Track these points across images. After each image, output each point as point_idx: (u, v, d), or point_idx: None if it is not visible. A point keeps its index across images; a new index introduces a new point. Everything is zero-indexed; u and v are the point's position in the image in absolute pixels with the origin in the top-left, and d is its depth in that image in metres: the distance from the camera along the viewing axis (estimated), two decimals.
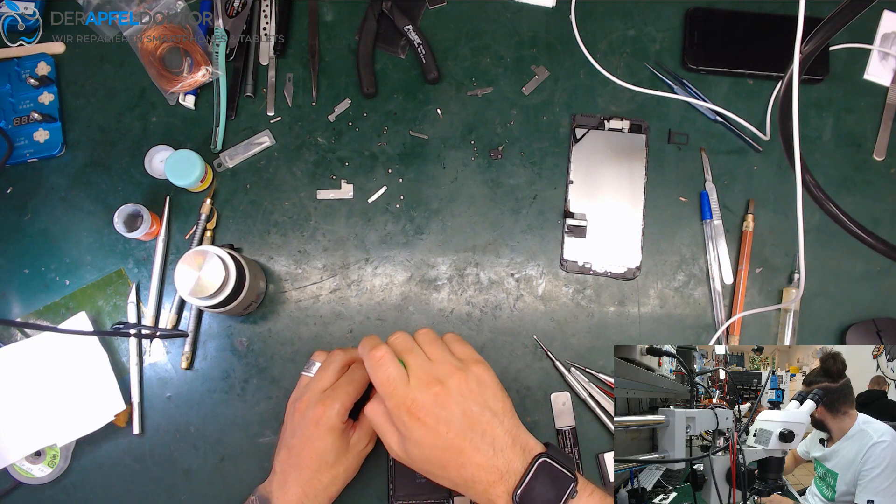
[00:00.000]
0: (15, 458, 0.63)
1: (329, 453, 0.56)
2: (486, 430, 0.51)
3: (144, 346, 0.67)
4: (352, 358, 0.61)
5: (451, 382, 0.51)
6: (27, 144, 0.70)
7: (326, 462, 0.56)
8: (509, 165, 0.71)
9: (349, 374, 0.60)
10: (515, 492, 0.49)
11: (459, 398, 0.51)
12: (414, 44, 0.71)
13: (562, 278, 0.69)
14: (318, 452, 0.56)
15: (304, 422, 0.57)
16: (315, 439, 0.56)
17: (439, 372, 0.52)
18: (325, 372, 0.59)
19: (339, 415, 0.56)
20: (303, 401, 0.58)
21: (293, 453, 0.57)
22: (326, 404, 0.56)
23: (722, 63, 0.72)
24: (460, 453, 0.50)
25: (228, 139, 0.71)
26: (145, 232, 0.66)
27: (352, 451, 0.58)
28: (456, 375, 0.52)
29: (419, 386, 0.51)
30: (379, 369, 0.52)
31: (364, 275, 0.69)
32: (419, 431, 0.50)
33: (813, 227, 0.69)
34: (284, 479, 0.57)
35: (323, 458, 0.56)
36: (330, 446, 0.56)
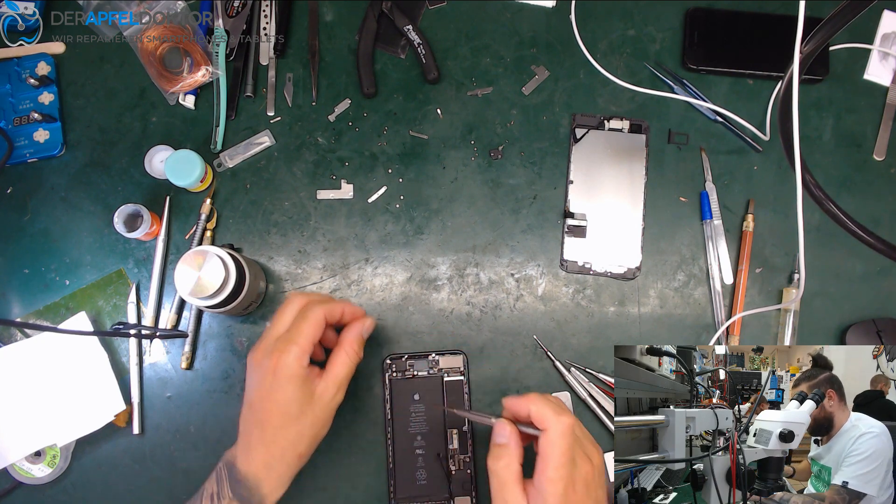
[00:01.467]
0: (15, 458, 0.63)
1: (291, 404, 0.51)
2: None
3: (144, 346, 0.67)
4: (309, 300, 0.56)
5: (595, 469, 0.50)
6: (27, 144, 0.70)
7: (289, 414, 0.51)
8: (509, 165, 0.71)
9: (303, 313, 0.54)
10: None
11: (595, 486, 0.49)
12: (414, 44, 0.71)
13: (562, 278, 0.69)
14: (280, 405, 0.51)
15: (262, 372, 0.52)
16: (274, 390, 0.51)
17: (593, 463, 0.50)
18: (280, 317, 0.55)
19: (298, 358, 0.52)
20: (258, 350, 0.54)
21: (254, 409, 0.53)
22: (281, 349, 0.52)
23: (722, 63, 0.72)
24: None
25: (228, 139, 0.71)
26: (145, 232, 0.66)
27: (318, 401, 0.53)
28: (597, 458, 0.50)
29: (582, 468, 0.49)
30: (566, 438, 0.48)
31: (364, 275, 0.69)
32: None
33: (813, 227, 0.69)
34: (248, 440, 0.52)
35: (285, 411, 0.51)
36: (291, 396, 0.51)
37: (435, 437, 0.65)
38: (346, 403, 0.66)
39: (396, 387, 0.66)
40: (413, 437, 0.64)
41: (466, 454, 0.65)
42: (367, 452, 0.65)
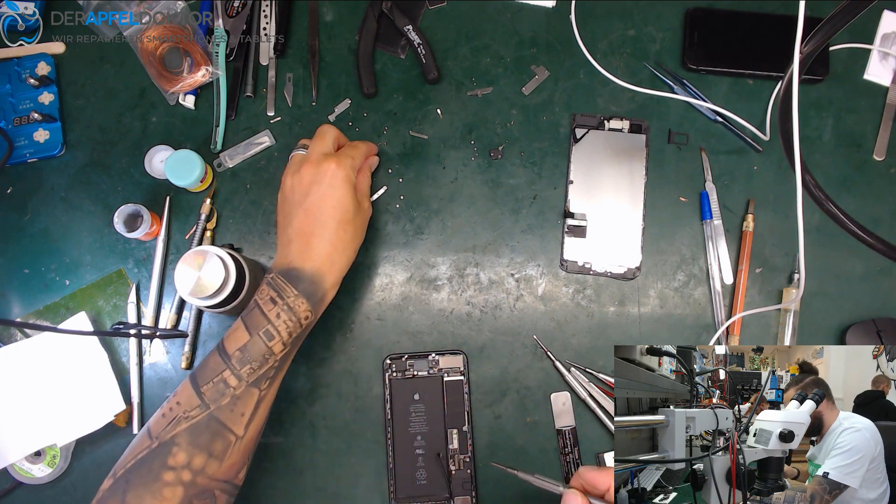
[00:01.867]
0: (15, 458, 0.63)
1: (349, 202, 0.58)
2: None
3: (144, 346, 0.67)
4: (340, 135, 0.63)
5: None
6: (27, 144, 0.70)
7: (349, 212, 0.58)
8: (509, 165, 0.71)
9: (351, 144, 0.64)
10: None
11: None
12: (414, 44, 0.71)
13: (562, 278, 0.69)
14: (340, 202, 0.57)
15: (319, 177, 0.57)
16: (336, 188, 0.57)
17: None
18: (323, 139, 0.61)
19: (354, 168, 0.59)
20: (311, 160, 0.59)
21: (311, 213, 0.57)
22: (340, 159, 0.58)
23: (722, 63, 0.72)
24: None
25: (228, 139, 0.71)
26: (145, 232, 0.66)
27: (361, 210, 0.60)
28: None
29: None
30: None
31: (364, 275, 0.69)
32: None
33: (813, 227, 0.69)
34: (307, 241, 0.57)
35: (345, 208, 0.57)
36: (348, 195, 0.58)
37: (435, 437, 0.65)
38: (346, 403, 0.66)
39: (396, 387, 0.66)
40: (413, 437, 0.64)
41: (466, 454, 0.65)
42: (367, 452, 0.65)
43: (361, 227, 0.60)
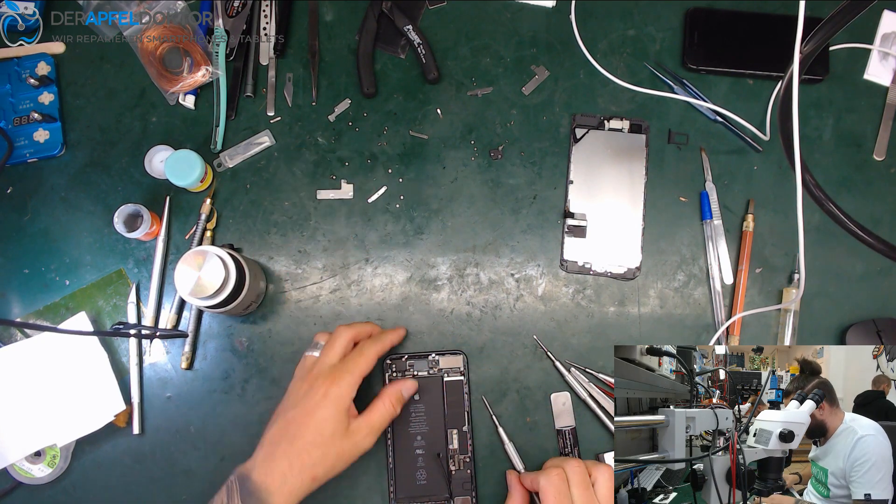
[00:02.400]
0: (15, 458, 0.63)
1: (328, 424, 0.55)
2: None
3: (144, 346, 0.67)
4: (357, 334, 0.61)
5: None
6: (27, 144, 0.70)
7: (322, 434, 0.55)
8: (509, 165, 0.71)
9: (359, 349, 0.60)
10: None
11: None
12: (414, 44, 0.71)
13: (562, 278, 0.69)
14: (318, 422, 0.55)
15: (312, 392, 0.56)
16: (320, 408, 0.55)
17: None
18: (332, 347, 0.59)
19: (350, 386, 0.57)
20: (313, 374, 0.58)
21: (290, 424, 0.56)
22: (337, 376, 0.57)
23: (722, 63, 0.72)
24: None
25: (228, 139, 0.71)
26: (145, 232, 0.66)
27: (350, 437, 0.56)
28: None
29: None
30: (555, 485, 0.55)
31: (364, 275, 0.69)
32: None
33: (813, 227, 0.69)
34: (272, 450, 0.55)
35: (321, 429, 0.55)
36: (331, 418, 0.55)
37: (435, 437, 0.65)
38: None
39: None
40: (413, 437, 0.64)
41: (466, 454, 0.65)
42: (367, 452, 0.65)
43: (337, 455, 0.55)
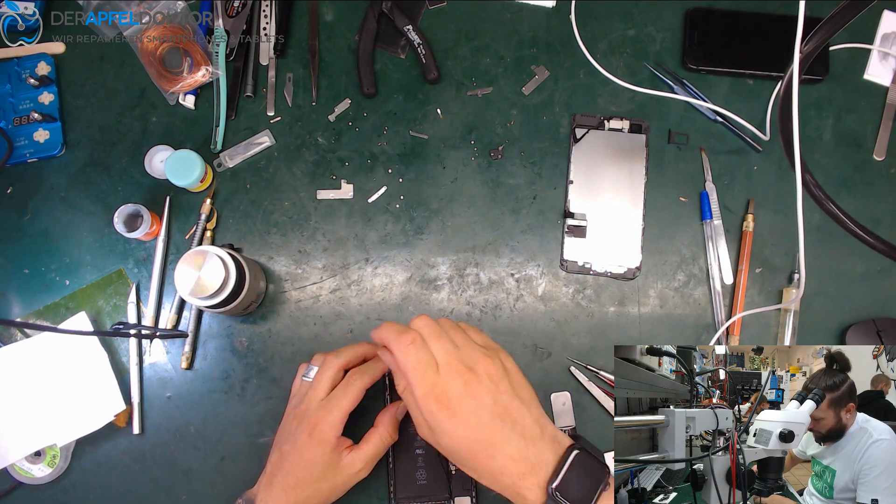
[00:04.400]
0: (15, 458, 0.63)
1: (316, 466, 0.55)
2: (516, 420, 0.49)
3: (144, 346, 0.67)
4: (347, 362, 0.59)
5: (481, 369, 0.50)
6: (27, 144, 0.70)
7: (312, 474, 0.55)
8: (509, 165, 0.71)
9: (346, 384, 0.58)
10: (550, 484, 0.47)
11: (490, 385, 0.49)
12: (414, 44, 0.71)
13: (562, 278, 0.69)
14: (306, 462, 0.55)
15: (300, 429, 0.56)
16: (306, 448, 0.55)
17: (467, 359, 0.50)
18: (320, 381, 0.58)
19: (333, 427, 0.55)
20: (300, 409, 0.57)
21: (284, 458, 0.56)
22: (319, 416, 0.56)
23: (722, 63, 0.72)
24: (490, 444, 0.48)
25: (228, 139, 0.71)
26: (145, 232, 0.66)
27: (342, 472, 0.56)
28: (484, 361, 0.50)
29: (448, 374, 0.49)
30: (409, 354, 0.50)
31: (364, 275, 0.69)
32: (449, 423, 0.48)
33: (813, 227, 0.69)
34: (271, 480, 0.56)
35: (309, 469, 0.55)
36: (318, 459, 0.55)
37: None
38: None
39: None
40: (413, 437, 0.64)
41: None
42: None
43: (332, 488, 0.56)
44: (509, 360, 0.53)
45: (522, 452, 0.48)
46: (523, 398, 0.51)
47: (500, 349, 0.54)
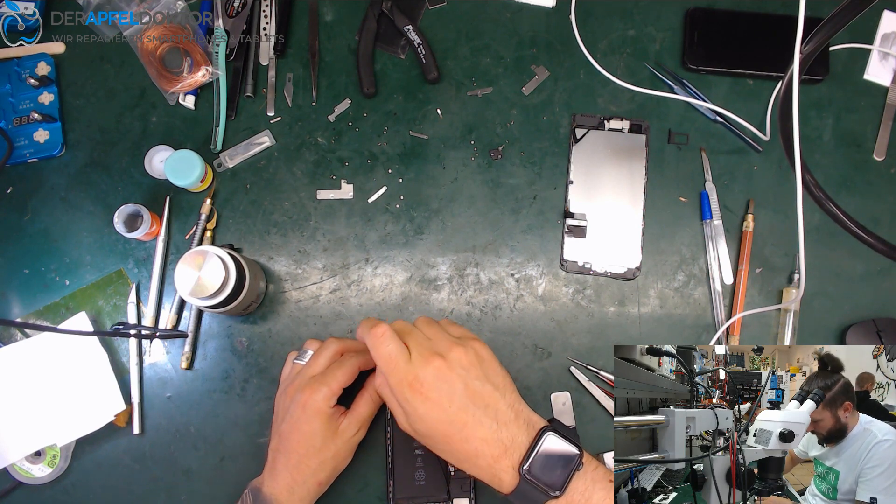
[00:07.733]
0: (15, 458, 0.63)
1: (316, 437, 0.56)
2: (489, 404, 0.51)
3: (144, 346, 0.67)
4: (345, 347, 0.61)
5: (452, 356, 0.52)
6: (27, 144, 0.70)
7: (314, 446, 0.56)
8: (509, 165, 0.71)
9: (340, 361, 0.60)
10: (522, 465, 0.49)
11: (461, 371, 0.51)
12: (414, 44, 0.71)
13: (562, 278, 0.69)
14: (306, 436, 0.56)
15: (294, 406, 0.57)
16: (302, 422, 0.56)
17: (439, 347, 0.52)
18: (317, 359, 0.60)
19: (326, 398, 0.57)
20: (293, 385, 0.59)
21: (283, 438, 0.57)
22: (314, 388, 0.57)
23: (722, 63, 0.72)
24: (463, 427, 0.50)
25: (228, 139, 0.71)
26: (145, 232, 0.66)
27: (340, 437, 0.58)
28: (455, 349, 0.52)
29: (420, 361, 0.51)
30: (381, 346, 0.52)
31: (364, 275, 0.69)
32: (422, 407, 0.50)
33: (813, 227, 0.69)
34: (274, 465, 0.57)
35: (310, 442, 0.56)
36: (317, 429, 0.56)
37: None
38: (346, 404, 0.66)
39: None
40: (412, 437, 0.64)
41: None
42: (367, 452, 0.65)
43: (335, 457, 0.58)
44: (484, 349, 0.54)
45: (495, 435, 0.50)
46: (496, 384, 0.52)
47: (475, 338, 0.55)
